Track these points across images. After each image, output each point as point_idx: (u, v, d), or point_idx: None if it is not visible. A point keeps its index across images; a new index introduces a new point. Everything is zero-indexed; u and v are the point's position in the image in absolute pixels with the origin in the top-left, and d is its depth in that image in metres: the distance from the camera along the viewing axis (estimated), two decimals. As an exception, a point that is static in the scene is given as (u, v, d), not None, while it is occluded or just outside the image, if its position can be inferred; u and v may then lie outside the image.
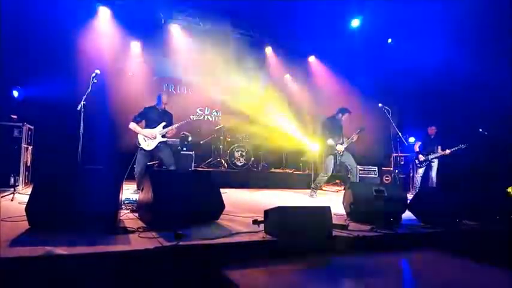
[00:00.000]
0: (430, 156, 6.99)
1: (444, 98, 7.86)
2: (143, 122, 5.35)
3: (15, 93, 5.56)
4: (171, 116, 5.47)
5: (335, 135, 6.18)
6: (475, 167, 6.66)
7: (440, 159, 7.02)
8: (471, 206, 4.06)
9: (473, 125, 7.00)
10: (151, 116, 5.30)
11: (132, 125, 5.23)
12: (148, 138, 5.18)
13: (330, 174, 6.25)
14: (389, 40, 9.25)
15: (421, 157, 7.08)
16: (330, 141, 6.10)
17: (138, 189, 4.87)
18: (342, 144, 6.15)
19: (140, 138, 5.22)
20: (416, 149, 7.23)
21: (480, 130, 6.75)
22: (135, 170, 5.25)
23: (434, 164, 7.02)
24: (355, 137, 6.26)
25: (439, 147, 7.10)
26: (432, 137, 7.22)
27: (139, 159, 5.21)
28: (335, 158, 6.12)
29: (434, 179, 6.98)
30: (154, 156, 5.52)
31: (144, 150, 5.19)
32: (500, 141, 6.69)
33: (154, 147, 5.21)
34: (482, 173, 6.38)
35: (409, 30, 8.65)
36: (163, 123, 5.29)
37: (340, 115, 6.29)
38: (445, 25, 7.78)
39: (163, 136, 5.29)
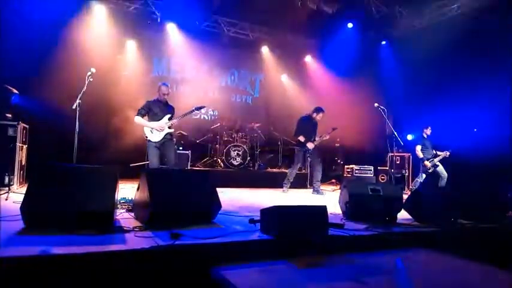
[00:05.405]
0: (435, 160, 6.95)
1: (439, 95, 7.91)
2: (147, 116, 5.24)
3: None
4: (173, 109, 5.42)
5: (308, 133, 6.65)
6: (470, 166, 6.71)
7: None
8: (466, 205, 4.09)
9: (468, 124, 7.06)
10: (155, 109, 5.23)
11: (138, 119, 5.13)
12: (156, 130, 5.13)
13: (298, 168, 6.80)
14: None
15: (428, 164, 6.95)
16: (301, 138, 6.61)
17: None
18: (313, 142, 6.62)
19: (147, 130, 5.15)
20: (420, 154, 7.08)
21: (475, 130, 6.80)
22: (149, 165, 5.18)
23: (440, 166, 6.98)
24: (326, 136, 6.79)
25: (434, 149, 7.12)
26: (429, 137, 7.22)
27: (151, 153, 5.15)
28: (304, 154, 6.66)
29: (445, 179, 6.93)
30: (162, 148, 5.28)
31: (153, 142, 5.13)
32: (495, 141, 6.74)
33: (162, 138, 5.16)
34: (477, 172, 6.42)
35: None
36: (168, 115, 5.25)
37: (315, 114, 6.79)
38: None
39: (169, 127, 5.25)
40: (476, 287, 2.54)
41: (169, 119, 5.26)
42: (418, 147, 7.15)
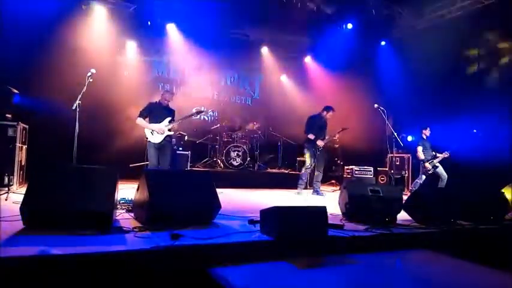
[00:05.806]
0: (435, 161, 6.93)
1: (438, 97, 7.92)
2: (148, 117, 5.42)
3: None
4: (174, 112, 5.59)
5: (318, 131, 6.65)
6: (470, 167, 6.70)
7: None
8: (465, 207, 4.09)
9: (468, 125, 7.06)
10: (156, 111, 5.41)
11: (139, 120, 5.33)
12: (156, 132, 5.29)
13: (311, 166, 6.69)
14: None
15: (428, 166, 6.91)
16: (311, 136, 6.59)
17: None
18: (322, 140, 6.60)
19: (147, 132, 5.33)
20: (422, 156, 7.05)
21: (474, 131, 6.80)
22: (149, 166, 5.37)
23: (440, 167, 6.96)
24: (336, 136, 6.89)
25: (433, 150, 7.11)
26: (428, 138, 7.22)
27: (151, 154, 5.34)
28: (314, 152, 6.60)
29: (445, 180, 6.89)
30: (161, 150, 5.48)
31: (152, 143, 5.31)
32: (494, 142, 6.74)
33: (162, 140, 5.32)
34: (477, 173, 6.42)
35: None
36: (169, 118, 5.41)
37: (325, 113, 6.81)
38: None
39: (169, 130, 5.41)
40: (476, 288, 2.54)
41: (170, 121, 5.41)
42: (420, 149, 7.11)
